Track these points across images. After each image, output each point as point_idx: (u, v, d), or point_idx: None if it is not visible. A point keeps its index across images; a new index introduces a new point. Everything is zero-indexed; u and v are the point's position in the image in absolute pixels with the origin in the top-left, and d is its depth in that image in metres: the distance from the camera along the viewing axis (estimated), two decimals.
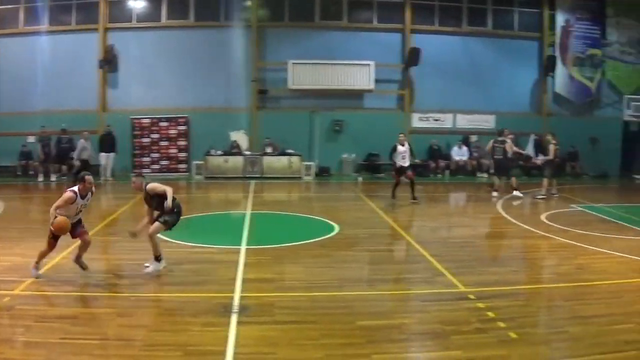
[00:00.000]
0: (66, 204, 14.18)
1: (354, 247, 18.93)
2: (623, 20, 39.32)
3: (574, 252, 18.96)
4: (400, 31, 36.27)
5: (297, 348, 10.69)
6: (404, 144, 26.63)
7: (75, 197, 14.27)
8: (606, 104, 40.19)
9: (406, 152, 26.67)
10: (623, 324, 12.60)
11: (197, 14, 34.37)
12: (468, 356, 10.71)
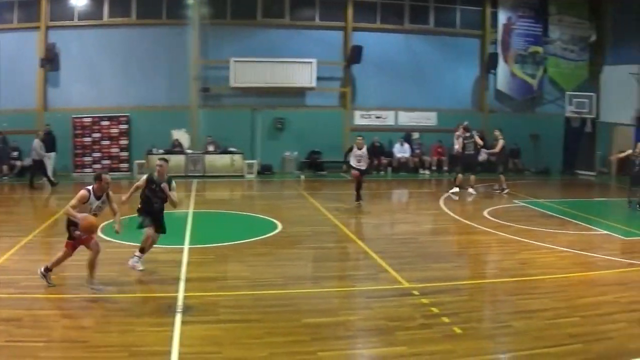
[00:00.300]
0: (79, 202, 13.58)
1: (298, 244, 18.98)
2: (565, 17, 39.77)
3: (517, 247, 19.22)
4: (342, 29, 36.33)
5: (241, 347, 10.73)
6: (362, 147, 25.54)
7: (89, 196, 13.71)
8: (548, 101, 40.69)
9: (362, 156, 25.44)
10: (567, 317, 12.82)
11: (139, 11, 34.07)
12: (413, 352, 10.82)
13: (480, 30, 38.96)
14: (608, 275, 16.50)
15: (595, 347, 11.30)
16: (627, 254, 18.81)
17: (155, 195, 15.47)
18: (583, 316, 12.99)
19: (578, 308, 13.55)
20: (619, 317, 12.94)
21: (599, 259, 18.16)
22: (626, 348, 11.35)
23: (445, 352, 10.88)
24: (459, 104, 38.62)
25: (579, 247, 19.39)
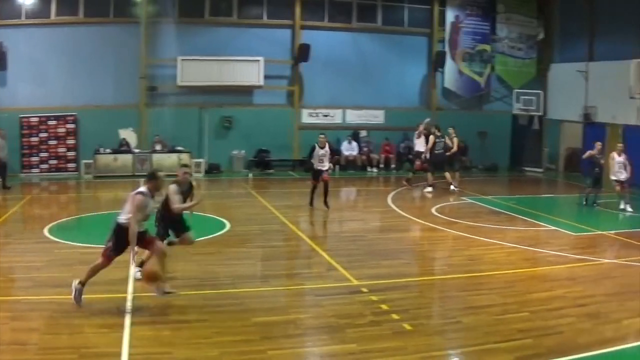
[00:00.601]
0: (140, 209, 12.95)
1: (246, 243, 18.92)
2: (513, 16, 40.00)
3: (466, 243, 19.34)
4: (290, 27, 36.19)
5: (192, 347, 10.68)
6: (324, 146, 24.73)
7: (147, 199, 13.20)
8: (496, 99, 40.95)
9: (326, 155, 24.68)
10: (516, 313, 12.97)
11: (87, 10, 33.51)
12: (363, 349, 10.86)
13: (428, 28, 39.01)
14: (557, 271, 16.67)
15: (545, 342, 11.41)
16: (575, 249, 19.02)
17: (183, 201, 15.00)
18: (532, 311, 13.11)
19: (527, 303, 13.67)
20: (568, 312, 13.10)
21: (547, 255, 18.36)
22: (576, 342, 11.48)
23: (395, 349, 10.93)
24: (407, 102, 38.75)
25: (527, 243, 19.57)
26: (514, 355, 10.79)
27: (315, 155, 24.48)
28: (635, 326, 12.52)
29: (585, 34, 37.32)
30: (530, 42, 40.56)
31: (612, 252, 19.22)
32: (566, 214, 25.11)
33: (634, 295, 14.59)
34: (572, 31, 38.85)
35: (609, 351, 11.21)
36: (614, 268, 17.21)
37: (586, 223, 23.05)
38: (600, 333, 12.02)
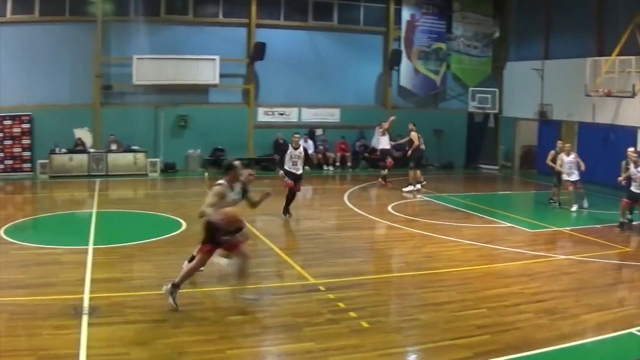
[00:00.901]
0: (218, 199, 13.04)
1: None
2: (469, 14, 40.20)
3: (422, 241, 19.43)
4: (245, 26, 36.02)
5: (149, 347, 10.62)
6: (299, 146, 22.93)
7: (225, 190, 13.28)
8: (451, 97, 41.18)
9: (300, 156, 22.84)
10: (474, 309, 13.05)
11: (42, 8, 33.04)
12: (321, 347, 10.87)
13: (384, 27, 39.04)
14: (513, 267, 16.80)
15: (503, 338, 11.51)
16: (531, 245, 19.15)
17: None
18: (490, 307, 13.21)
19: (484, 300, 13.77)
20: (525, 308, 13.22)
21: (503, 251, 18.49)
22: (533, 338, 11.59)
23: (353, 347, 10.95)
24: (362, 101, 38.78)
25: (483, 239, 19.68)
26: (473, 352, 10.85)
27: (287, 157, 22.89)
28: (593, 321, 12.67)
29: (541, 33, 37.62)
30: (486, 41, 40.80)
31: (569, 249, 19.39)
32: (522, 211, 25.30)
33: (591, 291, 14.77)
34: (527, 30, 39.15)
35: (567, 346, 11.33)
36: (571, 264, 17.38)
37: (542, 220, 23.21)
38: (558, 328, 12.13)
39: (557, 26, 36.81)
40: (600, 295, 14.43)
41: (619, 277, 16.83)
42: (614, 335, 11.93)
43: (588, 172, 26.05)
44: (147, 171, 32.92)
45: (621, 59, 28.71)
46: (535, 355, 10.90)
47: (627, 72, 28.38)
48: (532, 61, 37.74)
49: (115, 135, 33.11)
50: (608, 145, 31.65)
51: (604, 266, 17.39)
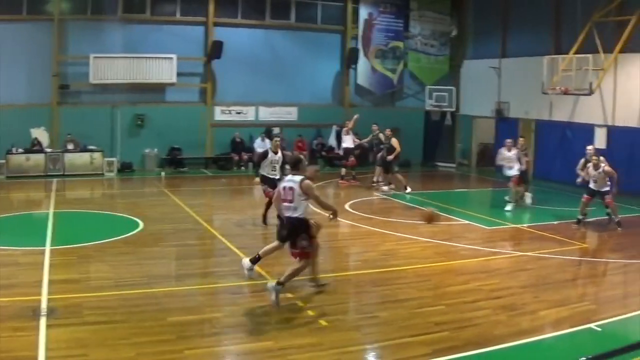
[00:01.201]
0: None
1: (160, 242, 18.70)
2: (426, 13, 40.40)
3: (380, 239, 19.49)
4: (203, 24, 35.89)
5: (108, 348, 10.52)
6: (277, 151, 21.39)
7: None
8: (408, 95, 41.32)
9: (279, 161, 21.17)
10: (432, 306, 13.14)
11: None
12: (280, 346, 10.86)
13: (341, 25, 39.12)
14: (471, 264, 16.90)
15: (462, 334, 11.56)
16: (488, 242, 19.28)
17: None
18: (448, 304, 13.28)
19: (443, 296, 13.84)
20: (483, 304, 13.30)
21: (461, 248, 18.61)
22: (492, 334, 11.67)
23: (312, 345, 10.95)
24: (320, 99, 38.81)
25: (441, 237, 19.79)
26: (432, 348, 10.88)
27: (267, 162, 21.10)
28: (551, 317, 12.78)
29: (498, 31, 37.91)
30: (443, 39, 41.03)
31: (526, 245, 19.49)
32: (479, 208, 25.41)
33: (549, 287, 14.89)
34: (485, 28, 39.44)
35: (526, 342, 11.41)
36: (528, 260, 17.49)
37: (499, 217, 23.36)
38: (516, 324, 12.23)
39: (514, 24, 37.09)
40: (559, 291, 14.56)
41: (576, 273, 17.02)
42: (572, 331, 12.06)
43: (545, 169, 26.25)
44: (104, 171, 32.70)
45: (579, 57, 28.91)
46: (494, 351, 10.98)
47: (585, 70, 28.59)
48: (489, 59, 38.03)
49: (72, 135, 32.83)
50: (565, 143, 31.97)
51: (562, 262, 17.55)
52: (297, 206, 13.48)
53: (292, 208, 13.53)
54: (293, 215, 13.54)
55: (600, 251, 19.72)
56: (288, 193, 13.57)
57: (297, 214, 13.50)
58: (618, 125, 30.43)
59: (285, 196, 13.62)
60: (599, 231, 22.21)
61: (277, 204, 14.20)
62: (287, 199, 13.58)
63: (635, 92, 29.58)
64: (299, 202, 13.46)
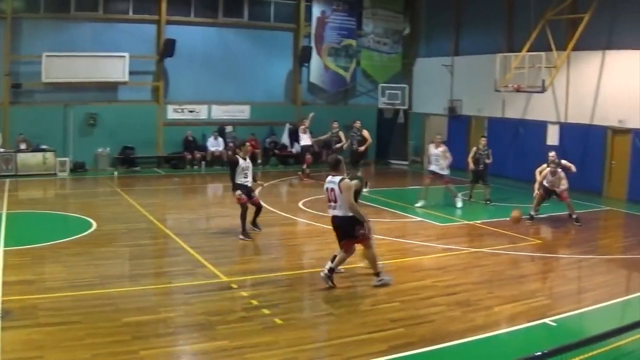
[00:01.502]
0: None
1: (114, 242, 18.58)
2: (379, 11, 40.57)
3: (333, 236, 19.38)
4: (155, 22, 35.66)
5: (64, 350, 10.45)
6: (246, 157, 20.44)
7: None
8: (361, 93, 41.45)
9: (249, 167, 20.31)
10: (387, 303, 13.24)
11: None
12: (235, 345, 10.87)
13: (294, 24, 39.11)
14: (425, 261, 17.05)
15: (417, 331, 11.66)
16: (442, 239, 19.41)
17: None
18: (403, 301, 13.39)
19: (398, 293, 13.93)
20: (438, 301, 13.42)
21: (415, 245, 18.75)
22: (447, 330, 11.78)
23: (267, 344, 10.98)
24: (273, 97, 38.80)
25: (395, 234, 19.90)
26: (387, 345, 10.97)
27: (239, 170, 19.96)
28: (506, 312, 12.93)
29: (451, 29, 38.22)
30: (396, 37, 41.23)
31: (480, 241, 19.72)
32: (432, 206, 25.49)
33: (503, 283, 15.07)
34: (437, 26, 39.74)
35: (481, 338, 11.54)
36: (482, 256, 17.68)
37: (452, 214, 23.50)
38: (471, 320, 12.35)
39: (467, 22, 37.40)
40: (513, 287, 14.74)
41: (531, 269, 17.17)
42: (527, 326, 12.22)
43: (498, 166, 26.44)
44: (57, 171, 32.39)
45: (531, 54, 29.11)
46: (449, 347, 11.08)
47: (537, 68, 28.80)
48: (442, 57, 38.30)
49: (24, 135, 32.52)
50: (518, 140, 32.25)
51: (515, 258, 17.74)
52: (342, 205, 14.03)
53: (338, 207, 14.14)
54: (340, 215, 14.19)
55: (554, 247, 19.96)
56: (330, 194, 14.20)
57: (343, 212, 14.11)
58: (570, 122, 30.76)
59: (329, 197, 14.26)
60: (552, 227, 22.48)
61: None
62: (331, 199, 14.24)
63: (587, 90, 29.95)
64: (342, 201, 14.00)
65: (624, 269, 17.32)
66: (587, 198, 26.50)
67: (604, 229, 24.18)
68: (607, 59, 29.25)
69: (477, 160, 25.87)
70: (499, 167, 26.40)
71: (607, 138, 29.33)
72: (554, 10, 29.52)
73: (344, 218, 14.07)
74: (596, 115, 29.74)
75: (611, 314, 13.54)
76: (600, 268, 16.88)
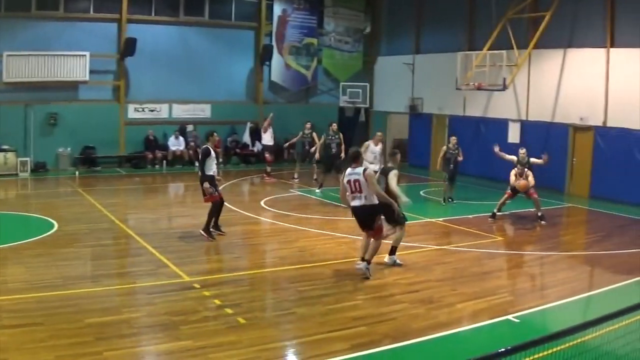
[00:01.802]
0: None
1: (75, 243, 18.45)
2: (340, 10, 40.72)
3: (296, 235, 19.58)
4: (116, 21, 35.45)
5: (26, 352, 10.40)
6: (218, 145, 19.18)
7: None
8: (322, 91, 41.63)
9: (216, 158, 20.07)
10: (349, 301, 13.30)
11: None
12: (198, 345, 10.88)
13: (255, 22, 39.10)
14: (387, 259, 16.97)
15: (380, 329, 11.73)
16: (404, 237, 19.39)
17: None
18: (365, 299, 13.48)
19: (359, 291, 14.02)
20: (400, 298, 13.51)
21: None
22: (409, 327, 11.86)
23: (230, 343, 11.00)
24: (234, 96, 38.79)
25: (357, 232, 19.78)
26: (350, 343, 11.01)
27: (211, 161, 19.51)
28: (469, 309, 13.04)
29: (412, 27, 38.51)
30: (357, 36, 41.38)
31: (442, 239, 19.89)
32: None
33: (466, 280, 15.20)
34: (398, 25, 39.94)
35: (444, 335, 11.65)
36: (445, 254, 17.84)
37: (414, 211, 23.56)
38: (434, 317, 12.45)
39: (428, 21, 37.66)
40: (476, 284, 14.88)
41: (493, 266, 17.29)
42: (490, 323, 12.35)
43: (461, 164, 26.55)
44: (18, 171, 32.19)
45: (492, 53, 29.27)
46: (412, 344, 11.16)
47: (499, 66, 28.97)
48: (403, 56, 38.53)
49: None
50: (479, 138, 32.42)
51: (478, 255, 17.90)
52: (367, 194, 14.82)
53: (363, 197, 14.89)
54: (366, 204, 14.92)
55: (517, 244, 20.10)
56: (354, 185, 14.86)
57: (368, 201, 14.89)
58: (532, 120, 31.02)
59: (354, 188, 14.91)
60: (515, 224, 22.66)
61: (345, 199, 15.57)
62: (355, 190, 14.89)
63: (548, 88, 30.26)
64: (367, 190, 14.80)
65: (586, 265, 17.51)
66: (550, 195, 26.75)
67: (567, 226, 24.44)
68: (569, 57, 29.55)
69: (448, 160, 25.87)
70: (460, 165, 26.50)
71: (569, 136, 29.61)
72: (515, 9, 29.73)
73: (371, 206, 14.85)
74: (558, 113, 30.04)
75: (574, 310, 13.71)
76: (563, 264, 17.03)
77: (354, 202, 14.99)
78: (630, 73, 27.05)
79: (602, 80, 28.07)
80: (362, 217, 15.09)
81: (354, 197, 14.93)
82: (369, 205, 14.89)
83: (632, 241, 20.30)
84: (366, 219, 15.04)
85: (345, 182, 15.07)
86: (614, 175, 26.74)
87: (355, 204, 15.01)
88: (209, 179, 19.22)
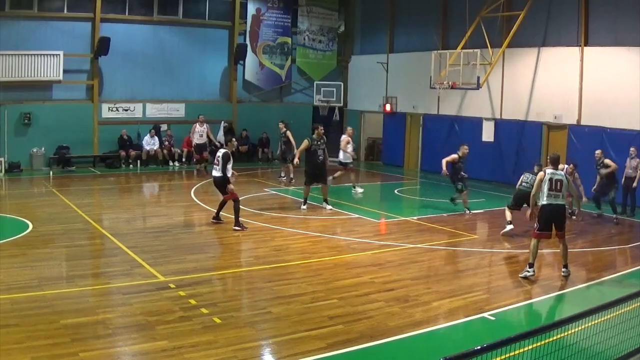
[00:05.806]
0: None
1: (50, 244, 18.30)
2: (314, 8, 40.75)
3: (271, 234, 19.58)
4: (90, 20, 35.29)
5: (2, 353, 10.30)
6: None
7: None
8: (297, 90, 41.67)
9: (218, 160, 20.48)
10: (325, 300, 13.29)
11: None
12: (174, 345, 10.83)
13: (229, 21, 39.01)
14: (362, 257, 17.11)
15: (356, 327, 11.73)
16: (378, 235, 19.57)
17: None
18: (341, 298, 13.46)
19: (335, 290, 14.01)
20: (376, 297, 13.52)
21: (351, 242, 18.80)
22: (386, 326, 11.88)
23: (206, 343, 10.97)
24: (208, 95, 38.73)
25: (331, 231, 20.01)
26: (326, 342, 11.01)
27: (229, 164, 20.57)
28: (444, 307, 13.10)
29: (386, 26, 38.63)
30: (331, 35, 41.41)
31: (417, 237, 19.81)
32: (368, 202, 25.69)
33: (441, 278, 15.29)
34: (372, 24, 40.02)
35: (420, 333, 11.70)
36: (419, 252, 17.85)
37: (389, 210, 23.67)
38: (410, 316, 12.47)
39: (402, 20, 37.74)
40: (451, 282, 14.95)
41: (467, 264, 17.34)
42: (466, 320, 12.41)
43: (433, 162, 26.66)
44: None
45: (466, 52, 29.36)
46: (388, 343, 11.18)
47: (472, 65, 29.07)
48: (377, 55, 38.57)
49: None
50: (453, 136, 32.51)
51: (453, 253, 17.99)
52: (564, 194, 15.85)
53: (560, 196, 15.72)
54: (561, 203, 15.81)
55: (490, 242, 20.11)
56: (556, 184, 15.65)
57: (562, 201, 15.87)
58: (506, 118, 31.17)
59: (555, 188, 15.66)
60: (488, 222, 22.73)
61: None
62: (556, 188, 15.66)
63: (522, 86, 30.43)
64: (566, 190, 15.97)
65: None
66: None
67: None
68: (542, 56, 29.71)
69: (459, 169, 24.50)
70: (434, 164, 26.58)
71: (542, 134, 29.72)
72: (489, 8, 29.84)
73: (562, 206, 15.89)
74: (532, 111, 30.18)
75: (550, 307, 13.88)
76: (538, 262, 17.09)
77: (552, 200, 15.72)
78: (604, 71, 27.23)
79: (576, 78, 28.21)
80: (560, 216, 15.88)
81: (555, 196, 15.69)
82: (563, 204, 15.90)
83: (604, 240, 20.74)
84: (561, 218, 15.89)
85: (547, 181, 15.69)
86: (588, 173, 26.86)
87: (557, 202, 15.79)
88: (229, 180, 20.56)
